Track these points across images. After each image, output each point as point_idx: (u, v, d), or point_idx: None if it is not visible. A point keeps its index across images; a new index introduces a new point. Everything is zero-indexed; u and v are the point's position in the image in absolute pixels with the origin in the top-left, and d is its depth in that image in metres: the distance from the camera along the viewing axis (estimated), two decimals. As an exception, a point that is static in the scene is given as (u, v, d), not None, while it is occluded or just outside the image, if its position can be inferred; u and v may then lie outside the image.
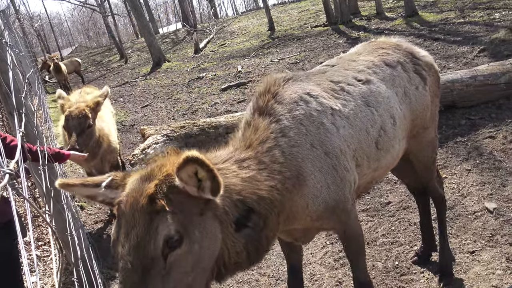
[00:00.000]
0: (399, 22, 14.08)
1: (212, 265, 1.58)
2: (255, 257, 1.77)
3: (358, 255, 2.49)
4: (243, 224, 1.68)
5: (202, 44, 20.97)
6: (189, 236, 1.41)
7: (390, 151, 2.55)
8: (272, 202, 1.82)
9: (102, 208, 5.81)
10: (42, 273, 4.27)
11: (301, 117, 2.10)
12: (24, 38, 20.51)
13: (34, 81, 9.11)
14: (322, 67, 2.70)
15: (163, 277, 1.36)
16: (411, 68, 2.78)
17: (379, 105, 2.47)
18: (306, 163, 2.03)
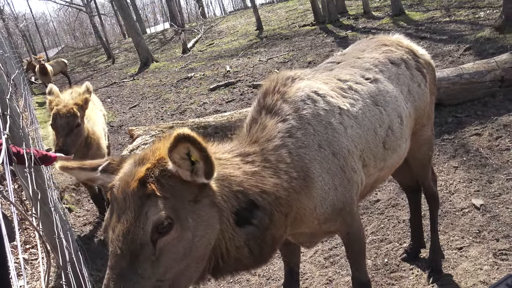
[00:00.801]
0: (386, 21, 14.19)
1: (209, 254, 1.55)
2: (260, 257, 1.72)
3: (359, 256, 2.46)
4: (246, 219, 1.63)
5: (190, 44, 20.88)
6: (181, 223, 1.39)
7: (396, 150, 2.53)
8: (278, 199, 1.77)
9: (91, 210, 5.75)
10: (30, 276, 4.22)
11: (308, 116, 2.04)
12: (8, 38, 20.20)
13: (19, 82, 8.98)
14: (328, 64, 2.65)
15: (152, 262, 1.34)
16: (414, 66, 2.76)
17: (387, 104, 2.44)
18: (314, 164, 1.97)
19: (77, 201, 6.10)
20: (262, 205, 1.69)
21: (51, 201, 3.07)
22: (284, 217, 1.84)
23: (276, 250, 1.91)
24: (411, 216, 3.61)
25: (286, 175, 1.87)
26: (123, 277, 1.31)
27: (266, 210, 1.70)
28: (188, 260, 1.43)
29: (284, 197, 1.81)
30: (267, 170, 1.81)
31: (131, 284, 1.30)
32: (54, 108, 3.86)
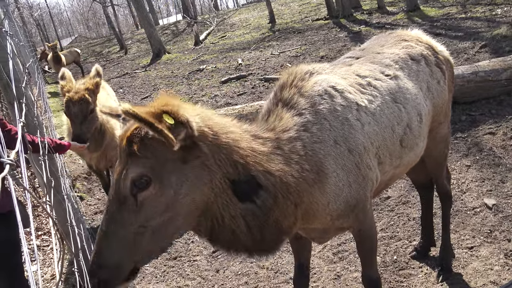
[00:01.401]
0: (401, 16, 14.02)
1: (199, 213, 1.61)
2: (260, 239, 1.73)
3: (371, 254, 2.45)
4: (247, 195, 1.67)
5: (203, 36, 20.86)
6: (161, 181, 1.49)
7: (414, 149, 2.50)
8: (285, 185, 1.77)
9: (102, 199, 5.82)
10: (42, 262, 4.28)
11: (325, 111, 2.02)
12: (23, 27, 20.38)
13: (33, 71, 9.07)
14: (347, 59, 2.60)
15: (135, 212, 1.49)
16: (433, 62, 2.72)
17: (407, 102, 2.40)
18: (328, 160, 1.96)
19: (88, 190, 6.17)
20: (265, 185, 1.71)
21: (64, 189, 3.11)
22: (294, 207, 1.83)
23: (283, 240, 1.90)
24: (422, 214, 3.59)
25: (298, 165, 1.87)
26: (112, 219, 1.50)
27: (270, 191, 1.72)
28: (172, 214, 1.53)
29: (293, 185, 1.81)
30: (277, 156, 1.81)
31: (118, 226, 1.48)
32: (66, 95, 3.83)
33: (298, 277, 2.76)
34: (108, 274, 1.48)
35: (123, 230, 1.48)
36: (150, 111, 1.46)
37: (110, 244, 1.49)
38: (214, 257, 4.25)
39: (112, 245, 1.48)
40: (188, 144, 1.54)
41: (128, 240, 1.49)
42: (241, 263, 4.05)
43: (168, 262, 4.27)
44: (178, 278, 4.02)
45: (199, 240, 4.56)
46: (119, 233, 1.48)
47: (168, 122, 1.46)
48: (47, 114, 8.26)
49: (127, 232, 1.49)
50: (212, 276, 3.96)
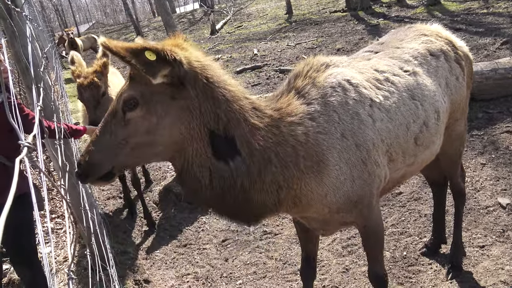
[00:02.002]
0: (420, 10, 13.77)
1: (174, 149, 1.74)
2: (220, 200, 1.80)
3: (376, 249, 2.43)
4: (223, 155, 1.74)
5: (219, 25, 20.81)
6: (148, 107, 1.66)
7: (429, 147, 2.46)
8: (266, 162, 1.80)
9: (115, 185, 5.89)
10: (55, 245, 4.37)
11: (335, 104, 1.99)
12: (42, 12, 20.56)
13: (51, 55, 9.17)
14: (365, 53, 2.58)
15: (122, 126, 1.70)
16: (453, 58, 2.67)
17: (425, 99, 2.35)
18: (332, 152, 1.94)
19: (102, 175, 6.25)
20: (243, 153, 1.75)
21: (78, 174, 3.15)
22: (275, 186, 1.85)
23: (258, 214, 1.92)
24: (434, 211, 3.56)
25: (292, 149, 1.87)
26: (105, 127, 1.73)
27: (245, 160, 1.76)
28: (151, 139, 1.70)
29: (278, 166, 1.83)
30: (269, 134, 1.83)
31: (107, 134, 1.72)
32: (77, 81, 3.85)
33: (305, 269, 2.78)
34: (89, 169, 1.73)
35: (109, 139, 1.71)
36: (129, 46, 1.58)
37: (98, 147, 1.72)
38: (223, 246, 4.29)
39: (99, 148, 1.72)
40: (176, 83, 1.65)
41: (111, 147, 1.71)
42: (250, 253, 4.08)
43: (178, 250, 4.32)
44: (188, 265, 4.07)
45: (209, 229, 4.60)
46: (106, 140, 1.71)
47: (148, 58, 1.57)
48: (63, 99, 8.37)
49: (112, 141, 1.71)
50: (221, 264, 4.00)
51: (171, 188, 5.23)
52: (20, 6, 2.57)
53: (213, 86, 1.72)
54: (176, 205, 5.07)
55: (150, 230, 4.69)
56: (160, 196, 5.26)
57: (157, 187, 5.53)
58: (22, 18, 2.57)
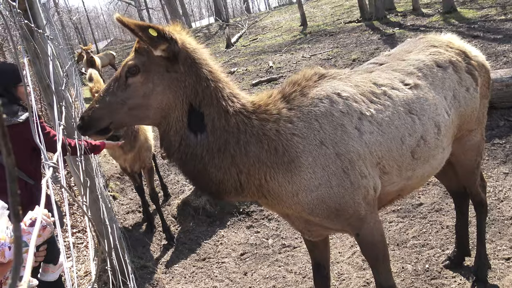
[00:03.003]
0: (436, 18, 13.68)
1: (162, 114, 2.00)
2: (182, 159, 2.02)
3: (376, 261, 2.41)
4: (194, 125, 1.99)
5: (234, 38, 21.02)
6: (146, 75, 1.95)
7: (429, 161, 2.44)
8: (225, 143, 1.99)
9: (134, 199, 5.95)
10: (76, 259, 4.42)
11: (318, 113, 2.09)
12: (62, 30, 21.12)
13: (71, 73, 9.39)
14: (370, 65, 2.60)
15: (122, 90, 1.98)
16: (464, 68, 2.64)
17: (423, 112, 2.36)
18: (306, 155, 2.05)
19: (121, 190, 6.32)
20: (207, 128, 1.99)
21: (98, 189, 3.20)
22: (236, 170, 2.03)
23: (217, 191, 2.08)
24: (456, 222, 3.47)
25: (257, 141, 2.02)
26: (108, 88, 2.02)
27: (208, 136, 1.99)
28: (145, 102, 1.98)
29: (237, 150, 2.01)
30: (236, 120, 2.01)
31: (109, 94, 2.00)
32: (96, 96, 3.95)
33: (316, 277, 2.80)
34: (90, 123, 2.00)
35: (111, 99, 1.98)
36: (138, 22, 1.89)
37: (100, 105, 2.00)
38: (242, 259, 4.27)
39: (100, 106, 2.00)
40: (171, 58, 1.94)
41: (111, 106, 1.98)
42: (269, 266, 4.05)
43: (197, 263, 4.32)
44: (207, 279, 4.06)
45: (227, 243, 4.59)
46: (108, 100, 1.99)
47: (151, 34, 1.87)
48: (83, 115, 8.52)
49: (112, 101, 1.98)
50: (240, 278, 3.98)
51: (189, 202, 5.25)
52: (42, 27, 2.65)
53: (198, 65, 1.99)
54: (194, 219, 5.09)
55: (169, 244, 4.71)
56: (179, 210, 5.29)
57: (175, 201, 5.56)
58: (43, 38, 2.64)
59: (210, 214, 5.11)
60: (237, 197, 2.19)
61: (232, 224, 4.95)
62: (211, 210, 5.13)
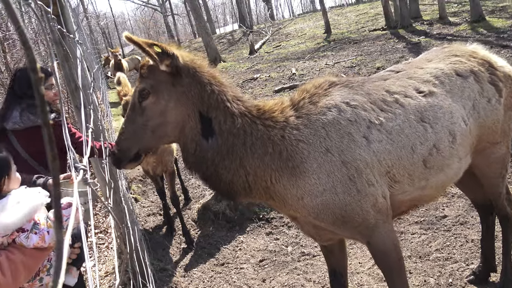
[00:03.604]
0: (464, 27, 13.44)
1: (179, 129, 2.09)
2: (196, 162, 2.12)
3: (390, 272, 2.38)
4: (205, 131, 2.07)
5: (258, 45, 21.12)
6: (157, 94, 2.05)
7: (443, 170, 2.39)
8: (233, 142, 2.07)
9: (155, 202, 6.01)
10: (97, 259, 4.49)
11: (325, 121, 2.13)
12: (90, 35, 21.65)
13: (98, 76, 9.60)
14: (386, 73, 2.60)
15: (140, 115, 2.09)
16: (486, 79, 2.59)
17: (437, 121, 2.33)
18: (311, 162, 2.09)
19: (143, 192, 6.40)
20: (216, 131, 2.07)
21: (121, 191, 3.25)
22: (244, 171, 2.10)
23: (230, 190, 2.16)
24: (482, 236, 3.37)
25: (262, 145, 2.09)
26: (128, 119, 2.13)
27: (217, 139, 2.07)
28: (163, 120, 2.07)
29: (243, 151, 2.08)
30: (242, 122, 2.08)
31: (130, 123, 2.11)
32: (123, 99, 4.01)
33: (333, 283, 2.79)
34: (120, 155, 2.11)
35: (132, 126, 2.09)
36: (146, 40, 2.00)
37: (124, 136, 2.10)
38: (261, 266, 4.26)
39: (125, 136, 2.10)
40: (175, 72, 2.03)
41: (135, 133, 2.09)
42: (287, 274, 4.03)
43: (216, 268, 4.33)
44: (225, 284, 4.06)
45: (246, 248, 4.59)
46: (130, 128, 2.10)
47: (156, 50, 1.99)
48: (108, 117, 8.70)
49: (134, 128, 2.09)
50: (258, 285, 3.96)
51: (209, 207, 5.28)
52: (72, 32, 2.72)
53: (199, 74, 2.09)
54: (214, 223, 5.11)
55: (188, 248, 4.74)
56: (199, 214, 5.32)
57: (195, 205, 5.60)
58: (73, 43, 2.72)
59: (230, 219, 5.12)
60: (247, 198, 2.27)
61: (251, 230, 4.95)
62: (231, 215, 5.15)
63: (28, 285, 1.93)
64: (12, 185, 1.88)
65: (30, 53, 0.37)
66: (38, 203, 1.88)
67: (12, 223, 1.72)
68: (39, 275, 1.94)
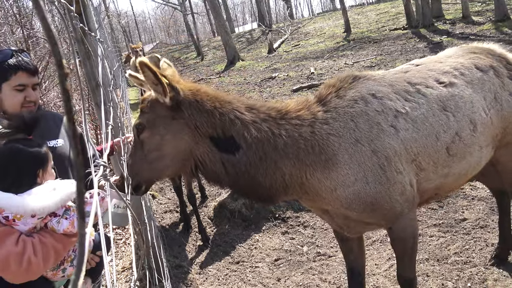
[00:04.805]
0: (488, 26, 13.16)
1: (183, 157, 2.10)
2: (236, 182, 2.11)
3: (402, 254, 2.49)
4: (226, 149, 2.07)
5: (276, 44, 21.10)
6: (151, 129, 2.08)
7: (466, 158, 2.44)
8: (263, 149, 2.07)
9: (172, 199, 6.07)
10: (114, 254, 4.56)
11: (353, 113, 2.16)
12: (111, 33, 21.96)
13: (118, 74, 9.73)
14: (405, 66, 2.67)
15: (140, 148, 2.11)
16: (506, 74, 2.65)
17: (458, 110, 2.39)
18: (342, 153, 2.12)
19: (160, 189, 6.47)
20: (242, 146, 2.06)
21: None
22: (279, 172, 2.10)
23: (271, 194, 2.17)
24: (499, 219, 3.53)
25: (293, 143, 2.09)
26: (132, 151, 2.18)
27: (246, 152, 2.07)
28: (161, 153, 2.09)
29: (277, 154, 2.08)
30: (266, 127, 2.09)
31: (132, 156, 2.16)
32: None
33: (350, 282, 2.83)
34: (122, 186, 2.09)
35: (133, 159, 2.15)
36: (158, 70, 2.00)
37: (132, 166, 2.15)
38: (276, 265, 4.26)
39: (132, 167, 2.14)
40: (175, 106, 2.05)
41: (134, 166, 2.13)
42: (302, 274, 4.02)
43: (231, 266, 4.35)
44: (240, 282, 4.08)
45: (262, 247, 4.60)
46: (133, 161, 2.15)
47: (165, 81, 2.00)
48: (127, 114, 8.82)
49: (135, 161, 2.13)
50: (273, 284, 3.97)
51: (225, 205, 5.31)
52: (94, 30, 2.76)
53: (202, 103, 2.09)
54: (230, 222, 5.13)
55: (204, 245, 4.77)
56: (215, 212, 5.35)
57: (212, 203, 5.63)
58: (95, 41, 2.76)
59: (246, 217, 5.14)
60: (284, 197, 2.28)
61: (267, 229, 4.95)
62: (246, 214, 5.16)
63: (52, 274, 1.99)
64: (47, 178, 1.96)
65: (56, 49, 0.38)
66: (73, 191, 1.95)
67: (48, 206, 1.80)
68: (63, 265, 1.99)
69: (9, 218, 1.78)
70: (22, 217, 1.79)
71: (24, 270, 1.72)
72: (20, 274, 1.73)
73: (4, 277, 1.78)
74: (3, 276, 1.78)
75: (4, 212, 1.78)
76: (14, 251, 1.72)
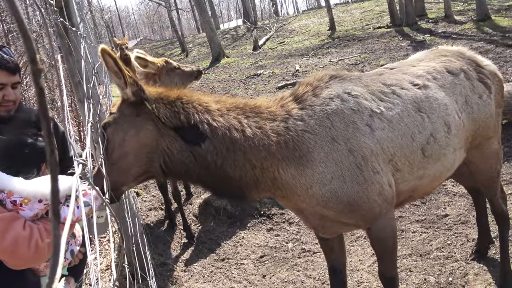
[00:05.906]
0: (469, 26, 13.37)
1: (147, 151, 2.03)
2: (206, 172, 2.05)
3: (383, 253, 2.50)
4: (192, 139, 2.03)
5: (261, 41, 21.08)
6: (115, 126, 2.04)
7: (440, 159, 2.48)
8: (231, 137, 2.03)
9: (157, 197, 6.03)
10: (99, 253, 4.50)
11: (329, 112, 2.17)
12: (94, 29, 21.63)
13: (101, 70, 9.60)
14: (380, 69, 2.70)
15: (105, 147, 2.02)
16: (475, 77, 2.70)
17: (433, 111, 2.42)
18: (318, 151, 2.11)
19: (144, 186, 6.42)
20: (207, 134, 2.02)
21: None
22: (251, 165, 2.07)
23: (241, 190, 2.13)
24: (476, 216, 3.65)
25: (264, 136, 2.06)
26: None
27: (212, 140, 2.03)
28: (124, 150, 2.01)
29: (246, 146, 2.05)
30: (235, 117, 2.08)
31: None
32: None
33: (332, 280, 2.85)
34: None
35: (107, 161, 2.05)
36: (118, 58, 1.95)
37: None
38: (261, 262, 4.27)
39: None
40: (139, 102, 2.03)
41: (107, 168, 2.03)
42: (287, 270, 4.03)
43: (216, 263, 4.34)
44: (225, 279, 4.07)
45: (247, 244, 4.60)
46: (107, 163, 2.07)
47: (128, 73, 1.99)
48: (111, 111, 8.70)
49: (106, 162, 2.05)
50: (258, 281, 3.97)
51: (210, 202, 5.29)
52: (76, 26, 2.72)
53: (168, 96, 2.09)
54: (215, 219, 5.12)
55: (189, 243, 4.75)
56: (200, 209, 5.33)
57: (197, 200, 5.61)
58: (77, 36, 2.71)
59: (231, 215, 5.13)
60: (258, 193, 2.23)
61: (252, 226, 4.96)
62: (232, 211, 5.15)
63: (45, 266, 2.00)
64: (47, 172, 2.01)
65: (29, 44, 0.37)
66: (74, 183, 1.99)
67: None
68: None
69: (17, 202, 1.83)
70: (29, 201, 1.83)
71: (33, 254, 1.75)
72: (29, 258, 1.76)
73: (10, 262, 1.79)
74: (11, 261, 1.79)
75: (12, 196, 1.81)
76: (23, 234, 1.75)
